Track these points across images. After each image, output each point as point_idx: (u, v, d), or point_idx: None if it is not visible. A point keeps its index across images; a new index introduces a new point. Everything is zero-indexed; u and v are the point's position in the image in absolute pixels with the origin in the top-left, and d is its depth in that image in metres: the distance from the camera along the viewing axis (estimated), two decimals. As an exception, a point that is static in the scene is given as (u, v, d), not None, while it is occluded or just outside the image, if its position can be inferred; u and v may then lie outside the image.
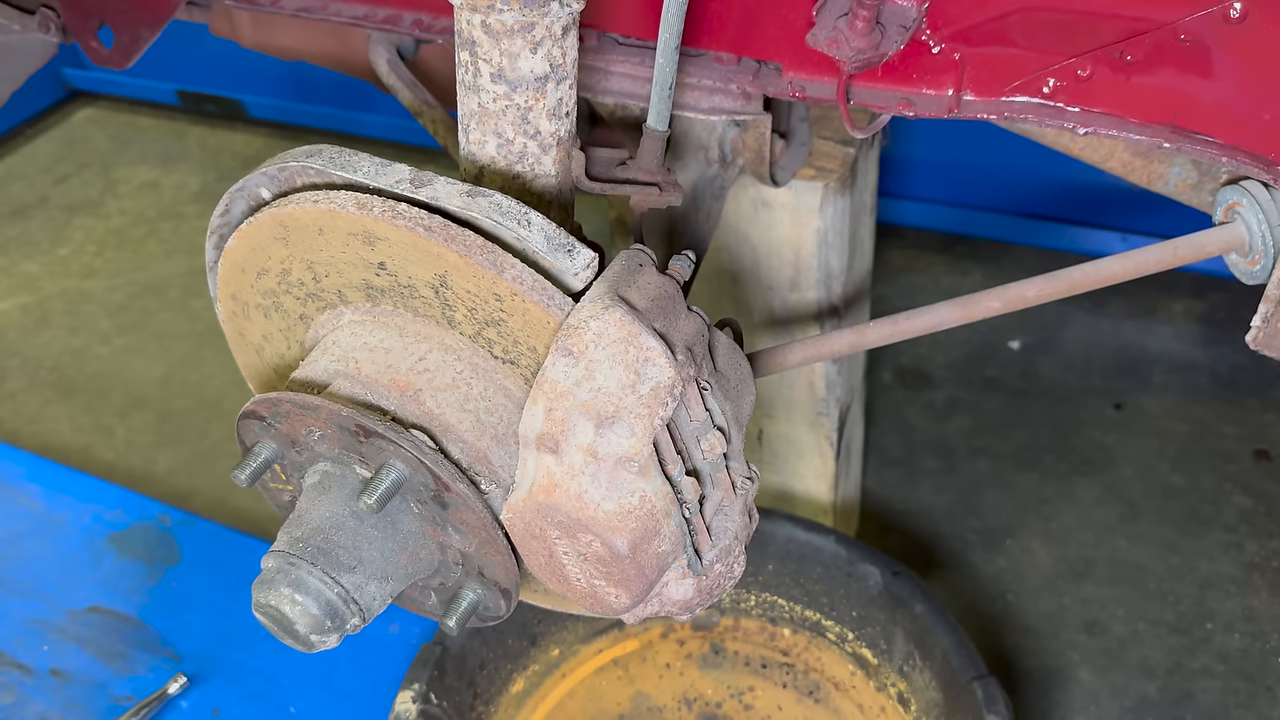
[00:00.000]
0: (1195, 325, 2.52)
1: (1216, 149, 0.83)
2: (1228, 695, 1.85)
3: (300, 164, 0.83)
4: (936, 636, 1.52)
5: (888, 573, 1.59)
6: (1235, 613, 1.96)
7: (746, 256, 1.55)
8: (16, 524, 2.03)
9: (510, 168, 0.87)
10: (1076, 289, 0.93)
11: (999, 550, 2.09)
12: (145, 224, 3.13)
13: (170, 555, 1.97)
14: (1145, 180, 1.01)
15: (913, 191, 2.82)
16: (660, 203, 0.95)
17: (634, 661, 1.73)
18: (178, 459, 2.39)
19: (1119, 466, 2.22)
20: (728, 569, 0.86)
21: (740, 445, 0.84)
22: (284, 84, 3.33)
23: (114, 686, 1.77)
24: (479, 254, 0.76)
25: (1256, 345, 0.90)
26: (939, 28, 0.88)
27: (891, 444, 2.30)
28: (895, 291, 2.66)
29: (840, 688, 1.66)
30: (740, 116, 1.04)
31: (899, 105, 0.91)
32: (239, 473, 0.85)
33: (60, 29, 1.26)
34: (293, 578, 0.80)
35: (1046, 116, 0.87)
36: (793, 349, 1.01)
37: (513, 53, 0.82)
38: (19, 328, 2.78)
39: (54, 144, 3.51)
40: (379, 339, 0.84)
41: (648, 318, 0.76)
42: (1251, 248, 0.89)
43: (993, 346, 2.50)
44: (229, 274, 0.91)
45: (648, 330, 0.75)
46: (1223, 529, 2.09)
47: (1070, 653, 1.92)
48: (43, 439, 2.44)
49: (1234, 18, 0.78)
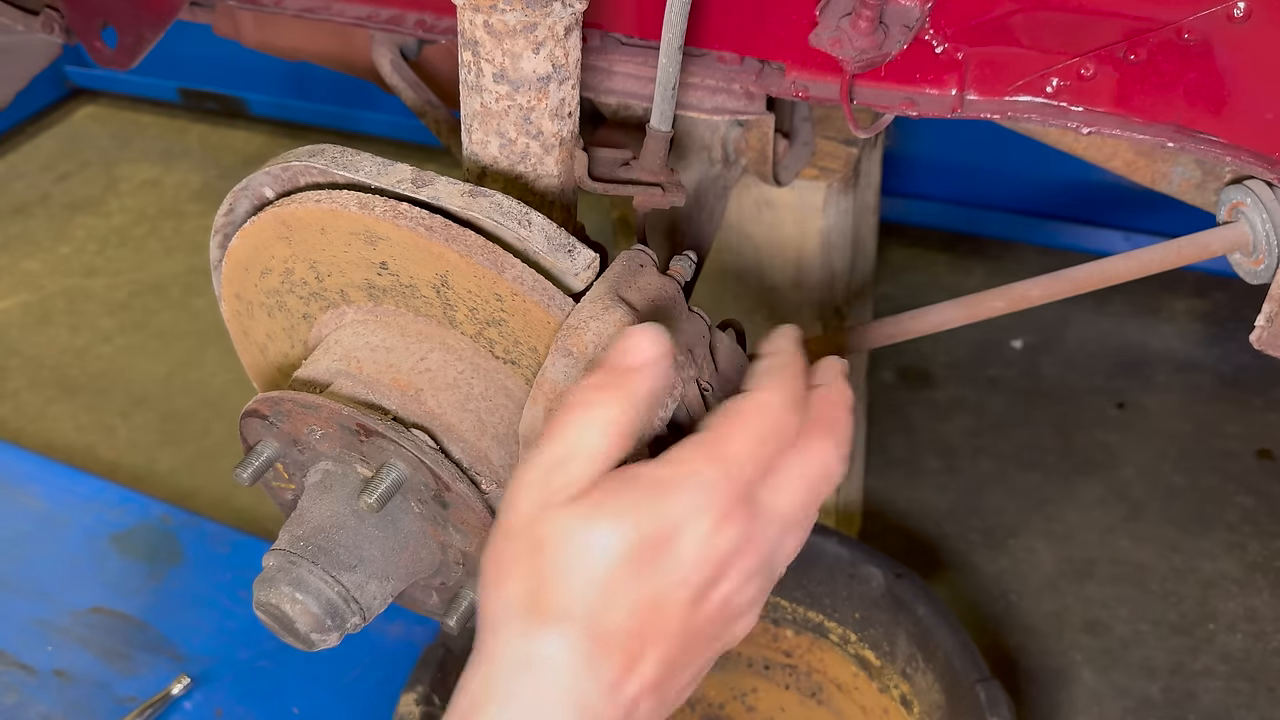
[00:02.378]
0: (1198, 325, 2.52)
1: (1220, 148, 0.83)
2: (1230, 695, 1.84)
3: (303, 163, 0.83)
4: (939, 639, 1.51)
5: (890, 575, 1.59)
6: (1238, 613, 1.96)
7: (749, 256, 1.55)
8: (19, 524, 2.04)
9: (513, 168, 0.87)
10: (1080, 288, 0.93)
11: (1001, 550, 2.09)
12: (147, 222, 3.14)
13: (173, 555, 1.97)
14: (1148, 179, 1.00)
15: (915, 190, 2.82)
16: (663, 203, 0.95)
17: (636, 661, 1.72)
18: (179, 458, 2.39)
19: (1121, 466, 2.22)
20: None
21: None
22: (286, 82, 3.34)
23: (117, 687, 1.77)
24: (480, 254, 0.76)
25: (1260, 345, 0.90)
26: (942, 27, 0.88)
27: (893, 443, 2.30)
28: (898, 290, 2.66)
29: (843, 689, 1.66)
30: (743, 116, 1.04)
31: (902, 105, 0.91)
32: (241, 471, 0.85)
33: (64, 29, 1.26)
34: (293, 576, 0.80)
35: (1050, 116, 0.87)
36: (795, 349, 1.00)
37: (515, 53, 0.82)
38: (20, 326, 2.79)
39: (55, 141, 3.51)
40: (381, 338, 0.84)
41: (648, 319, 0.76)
42: (1255, 247, 0.89)
43: (995, 346, 2.50)
44: (233, 273, 0.91)
45: (648, 331, 0.74)
46: (1225, 529, 2.09)
47: (1073, 653, 1.92)
48: (45, 438, 2.44)
49: (1238, 17, 0.78)
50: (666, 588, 0.66)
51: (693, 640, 0.68)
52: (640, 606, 0.65)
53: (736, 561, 0.68)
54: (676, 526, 0.65)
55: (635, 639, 0.65)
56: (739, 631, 0.72)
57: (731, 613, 0.69)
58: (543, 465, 0.66)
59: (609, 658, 0.65)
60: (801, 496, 0.71)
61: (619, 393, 0.66)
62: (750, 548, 0.68)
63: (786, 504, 0.70)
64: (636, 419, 0.66)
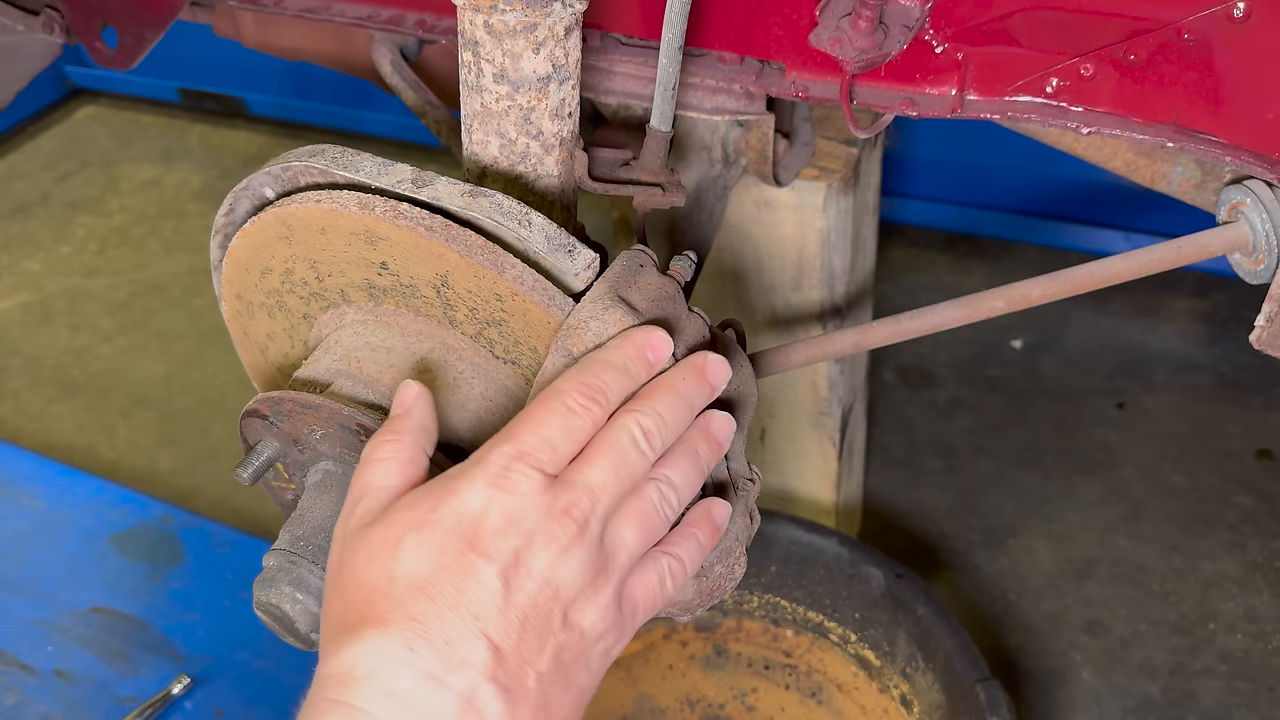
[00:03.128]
0: (1198, 324, 2.52)
1: (1220, 148, 0.83)
2: (1230, 696, 1.84)
3: (304, 163, 0.83)
4: (939, 639, 1.52)
5: (890, 575, 1.59)
6: (1237, 613, 1.96)
7: (749, 256, 1.55)
8: (19, 524, 2.03)
9: (513, 168, 0.87)
10: (1080, 288, 0.93)
11: (1001, 550, 2.09)
12: (147, 222, 3.14)
13: (173, 556, 1.97)
14: (1148, 179, 1.00)
15: (915, 190, 2.82)
16: (664, 203, 0.95)
17: (637, 663, 1.72)
18: (180, 458, 2.39)
19: (1121, 466, 2.22)
20: (728, 570, 0.85)
21: (741, 446, 0.84)
22: (286, 82, 3.34)
23: (118, 687, 1.77)
24: (480, 254, 0.76)
25: (1260, 345, 0.90)
26: (942, 27, 0.88)
27: (893, 443, 2.30)
28: (898, 290, 2.66)
29: (843, 689, 1.66)
30: (743, 116, 1.04)
31: (902, 105, 0.91)
32: (241, 471, 0.85)
33: (64, 30, 1.27)
34: (294, 576, 0.80)
35: (1050, 116, 0.87)
36: (795, 349, 1.01)
37: (515, 53, 0.82)
38: (20, 326, 2.79)
39: (56, 141, 3.51)
40: (381, 338, 0.84)
41: (648, 318, 0.76)
42: (1255, 247, 0.89)
43: (995, 346, 2.50)
44: (233, 273, 0.91)
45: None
46: (1225, 529, 2.09)
47: (1072, 653, 1.92)
48: (45, 438, 2.45)
49: (1237, 17, 0.78)
50: (457, 553, 0.64)
51: (528, 622, 0.65)
52: (436, 583, 0.64)
53: (540, 527, 0.66)
54: (455, 490, 0.66)
55: (444, 621, 0.63)
56: (589, 624, 0.68)
57: (565, 594, 0.66)
58: (343, 514, 0.71)
59: (415, 648, 0.63)
60: (608, 464, 0.69)
61: (395, 434, 0.72)
62: (556, 517, 0.66)
63: (595, 476, 0.68)
64: (415, 446, 0.71)
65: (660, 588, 0.73)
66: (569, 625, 0.67)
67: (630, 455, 0.70)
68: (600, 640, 0.69)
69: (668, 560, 0.73)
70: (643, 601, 0.72)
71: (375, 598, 0.65)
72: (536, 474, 0.67)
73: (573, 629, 0.67)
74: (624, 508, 0.70)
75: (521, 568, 0.65)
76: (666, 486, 0.72)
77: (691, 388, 0.74)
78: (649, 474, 0.72)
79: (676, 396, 0.73)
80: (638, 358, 0.73)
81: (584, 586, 0.67)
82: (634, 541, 0.70)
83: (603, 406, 0.71)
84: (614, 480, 0.69)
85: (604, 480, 0.69)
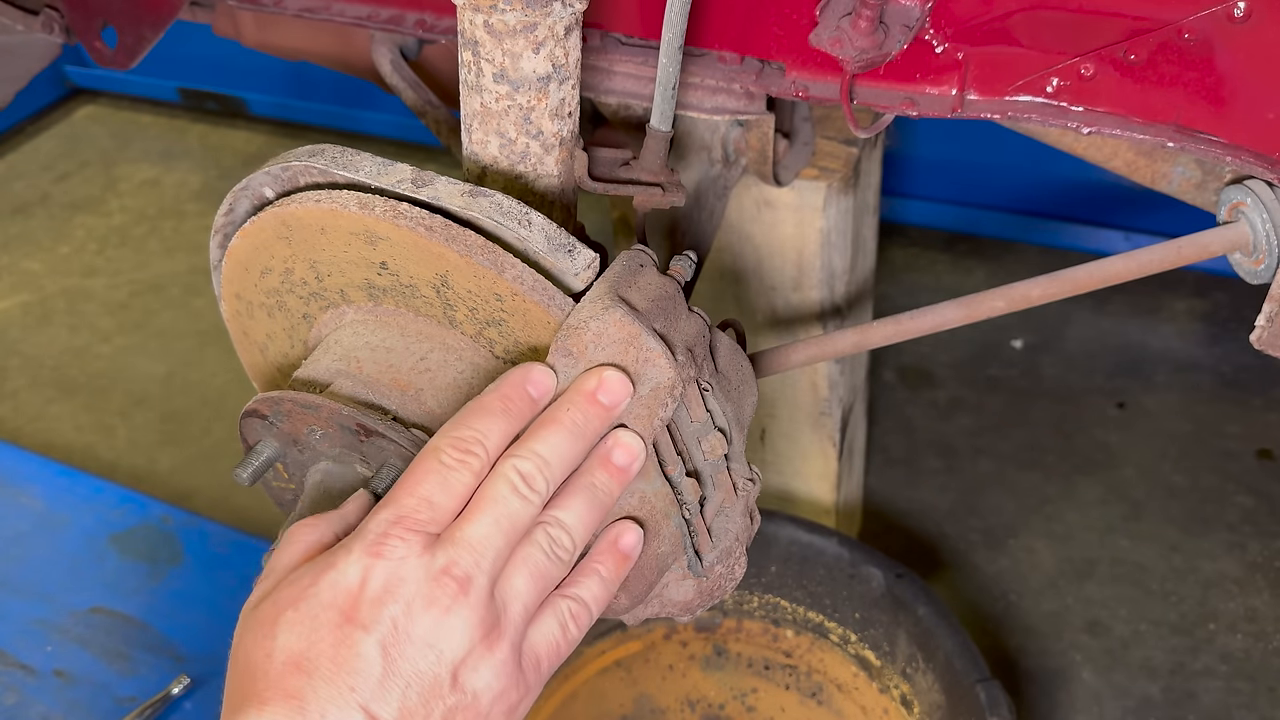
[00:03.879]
0: (1198, 324, 2.52)
1: (1220, 148, 0.83)
2: (1230, 696, 1.84)
3: (303, 163, 0.83)
4: (939, 639, 1.51)
5: (891, 575, 1.59)
6: (1238, 613, 1.96)
7: (749, 256, 1.55)
8: (18, 524, 2.03)
9: (513, 168, 0.87)
10: (1080, 288, 0.93)
11: (1001, 550, 2.09)
12: (146, 222, 3.14)
13: (173, 556, 1.97)
14: (1149, 179, 1.00)
15: (916, 190, 2.82)
16: (664, 203, 0.95)
17: (637, 663, 1.72)
18: (179, 458, 2.39)
19: (1121, 466, 2.22)
20: (728, 570, 0.85)
21: (742, 447, 0.84)
22: (285, 81, 3.34)
23: (117, 687, 1.77)
24: (480, 254, 0.76)
25: (1260, 345, 0.90)
26: (942, 27, 0.88)
27: (893, 443, 2.30)
28: (898, 290, 2.66)
29: (843, 689, 1.66)
30: (743, 116, 1.04)
31: (902, 105, 0.91)
32: (241, 471, 0.85)
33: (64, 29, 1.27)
34: (294, 577, 0.80)
35: (1050, 116, 0.87)
36: (796, 349, 1.00)
37: (515, 53, 0.82)
38: (20, 326, 2.79)
39: (55, 141, 3.51)
40: (381, 338, 0.84)
41: (648, 318, 0.76)
42: (1256, 247, 0.89)
43: (995, 346, 2.50)
44: (233, 273, 0.91)
45: (648, 331, 0.75)
46: (1225, 529, 2.09)
47: (1073, 653, 1.92)
48: (44, 438, 2.45)
49: (1238, 17, 0.78)
50: (332, 626, 0.64)
51: (410, 689, 0.64)
52: (312, 658, 0.64)
53: (419, 591, 0.65)
54: (332, 564, 0.66)
55: (319, 695, 0.63)
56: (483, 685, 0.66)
57: (451, 656, 0.65)
58: (249, 601, 0.71)
59: (267, 710, 0.63)
60: (487, 518, 0.68)
61: (315, 520, 0.73)
62: (436, 579, 0.65)
63: (475, 530, 0.67)
64: (330, 532, 0.72)
65: (563, 634, 0.71)
66: (459, 688, 0.65)
67: (511, 503, 0.68)
68: (500, 699, 0.67)
69: (567, 604, 0.72)
70: (545, 652, 0.70)
71: (255, 676, 0.65)
72: (415, 536, 0.66)
73: (463, 691, 0.66)
74: (513, 558, 0.69)
75: (401, 634, 0.64)
76: (556, 529, 0.70)
77: (578, 417, 0.72)
78: (538, 518, 0.70)
79: (560, 430, 0.71)
80: (517, 396, 0.72)
81: (473, 646, 0.66)
82: (527, 591, 0.68)
83: (479, 456, 0.69)
84: (495, 532, 0.67)
85: (485, 534, 0.67)
